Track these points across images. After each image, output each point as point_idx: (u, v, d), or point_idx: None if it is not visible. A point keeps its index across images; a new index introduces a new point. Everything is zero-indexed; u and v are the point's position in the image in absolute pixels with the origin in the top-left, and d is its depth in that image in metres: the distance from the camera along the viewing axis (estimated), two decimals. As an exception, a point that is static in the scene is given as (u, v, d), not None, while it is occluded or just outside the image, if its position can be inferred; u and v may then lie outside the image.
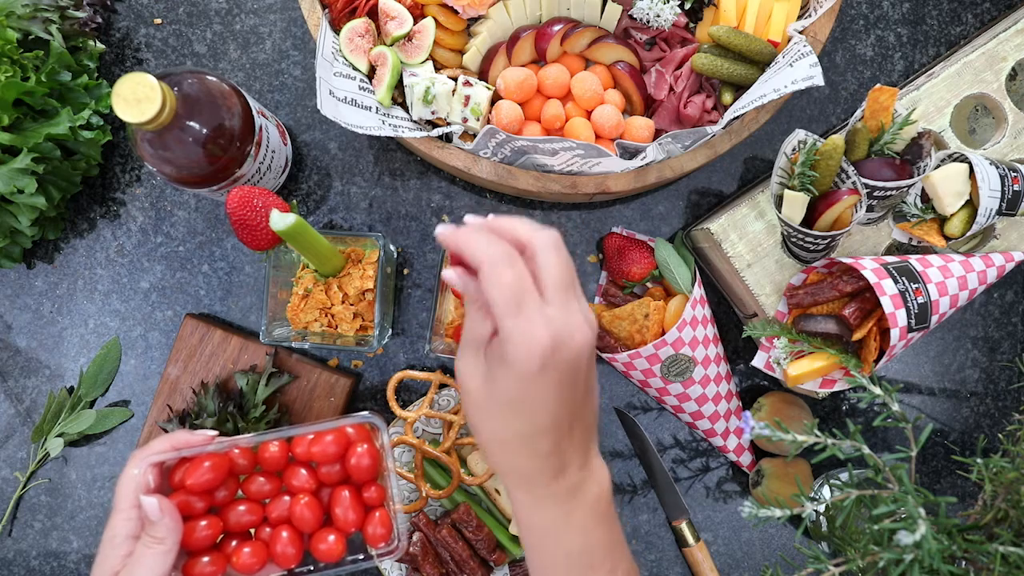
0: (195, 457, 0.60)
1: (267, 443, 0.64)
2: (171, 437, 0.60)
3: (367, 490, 0.65)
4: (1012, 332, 0.90)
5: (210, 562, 0.60)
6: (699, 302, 0.79)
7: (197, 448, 0.60)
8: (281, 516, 0.63)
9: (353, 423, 0.65)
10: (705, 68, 0.77)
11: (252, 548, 0.61)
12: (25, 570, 0.84)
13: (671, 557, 0.87)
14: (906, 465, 0.54)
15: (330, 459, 0.64)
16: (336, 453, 0.64)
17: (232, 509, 0.62)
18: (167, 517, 0.56)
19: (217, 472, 0.60)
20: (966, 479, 0.89)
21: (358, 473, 0.64)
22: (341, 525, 0.63)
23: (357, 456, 0.63)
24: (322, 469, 0.64)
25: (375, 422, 0.66)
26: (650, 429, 0.87)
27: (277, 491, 0.64)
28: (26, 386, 0.85)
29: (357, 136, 0.87)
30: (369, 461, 0.64)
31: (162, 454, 0.59)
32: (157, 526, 0.56)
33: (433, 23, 0.77)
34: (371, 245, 0.80)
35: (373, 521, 0.64)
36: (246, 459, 0.63)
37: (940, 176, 0.75)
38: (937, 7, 0.91)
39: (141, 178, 0.86)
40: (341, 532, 0.63)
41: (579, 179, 0.76)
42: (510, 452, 0.51)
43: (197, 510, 0.60)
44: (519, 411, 0.49)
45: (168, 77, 0.67)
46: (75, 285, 0.86)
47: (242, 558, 0.61)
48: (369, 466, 0.64)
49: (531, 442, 0.50)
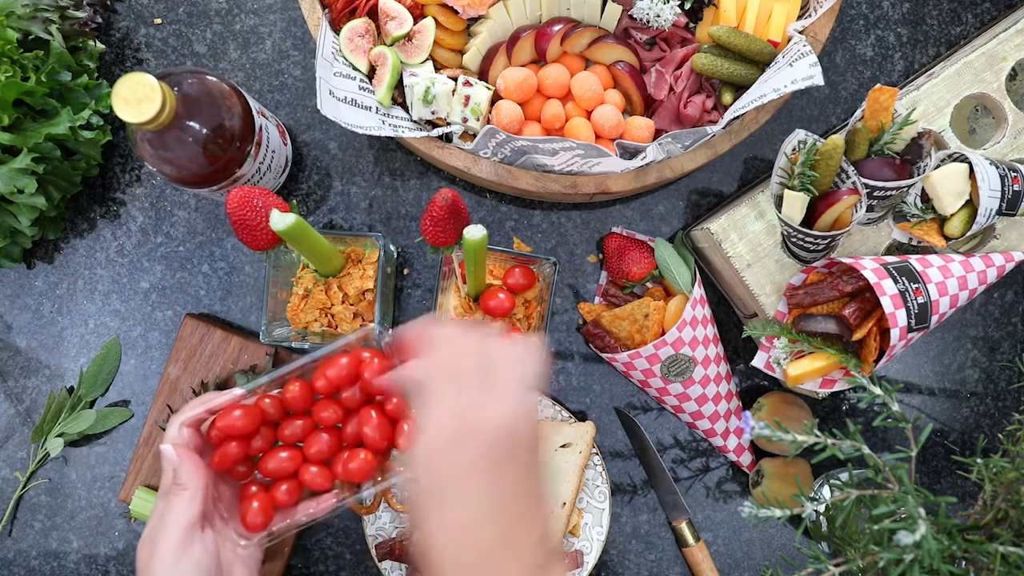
0: (227, 409, 0.61)
1: (288, 386, 0.63)
2: (201, 398, 0.61)
3: (388, 403, 0.64)
4: (1012, 332, 0.90)
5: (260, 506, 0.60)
6: (699, 302, 0.79)
7: (225, 403, 0.61)
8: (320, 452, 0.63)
9: (357, 336, 0.64)
10: (705, 68, 0.77)
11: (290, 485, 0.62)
12: (25, 570, 0.84)
13: (671, 557, 0.87)
14: (906, 465, 0.54)
15: (348, 381, 0.63)
16: (352, 374, 0.63)
17: (272, 456, 0.62)
18: (186, 462, 0.56)
19: (249, 418, 0.60)
20: (966, 479, 0.89)
21: (375, 388, 0.62)
22: (373, 444, 0.62)
23: (370, 370, 0.62)
24: (344, 394, 0.64)
25: (373, 330, 0.64)
26: (650, 429, 0.87)
27: (311, 430, 0.64)
28: (26, 386, 0.85)
29: (357, 136, 0.87)
30: (382, 372, 0.62)
31: (193, 412, 0.59)
32: (179, 473, 0.56)
33: (433, 23, 0.77)
34: (371, 245, 0.80)
35: (403, 434, 0.62)
36: (275, 407, 0.63)
37: (940, 176, 0.75)
38: (937, 7, 0.91)
39: (141, 178, 0.86)
40: (374, 451, 0.62)
41: (579, 179, 0.76)
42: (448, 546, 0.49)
43: (236, 458, 0.60)
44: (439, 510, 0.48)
45: (168, 77, 0.67)
46: (75, 285, 0.86)
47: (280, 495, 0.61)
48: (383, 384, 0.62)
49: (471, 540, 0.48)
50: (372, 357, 0.62)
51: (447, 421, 0.49)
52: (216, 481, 0.60)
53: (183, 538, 0.55)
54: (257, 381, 0.63)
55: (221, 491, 0.61)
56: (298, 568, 0.85)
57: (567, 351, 0.87)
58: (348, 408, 0.64)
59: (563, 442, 0.81)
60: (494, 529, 0.48)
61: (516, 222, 0.87)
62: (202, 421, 0.60)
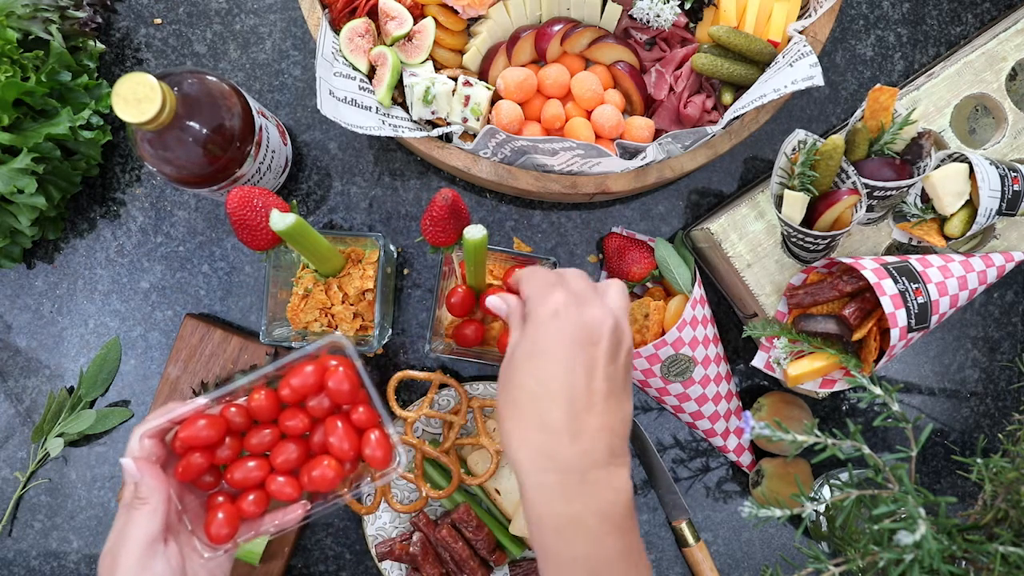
0: (191, 419, 0.60)
1: (254, 394, 0.62)
2: (163, 408, 0.60)
3: (355, 412, 0.63)
4: (1012, 332, 0.90)
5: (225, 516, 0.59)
6: (699, 302, 0.79)
7: (187, 413, 0.59)
8: (287, 462, 0.62)
9: (321, 345, 0.63)
10: (705, 68, 0.77)
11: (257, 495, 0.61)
12: (25, 570, 0.84)
13: (671, 557, 0.87)
14: (906, 465, 0.54)
15: (314, 390, 0.62)
16: (318, 382, 0.62)
17: (238, 466, 0.61)
18: (147, 476, 0.56)
19: (214, 428, 0.59)
20: (966, 479, 0.89)
21: (340, 396, 0.62)
22: (339, 454, 0.62)
23: (335, 379, 0.61)
24: (310, 403, 0.63)
25: (339, 340, 0.63)
26: (650, 429, 0.87)
27: (277, 439, 0.63)
28: (26, 386, 0.85)
29: (357, 136, 0.87)
30: (347, 382, 0.62)
31: (155, 423, 0.58)
32: (140, 486, 0.55)
33: (433, 23, 0.77)
34: (371, 245, 0.80)
35: (370, 444, 0.62)
36: (241, 416, 0.62)
37: (940, 176, 0.75)
38: (937, 7, 0.91)
39: (141, 178, 0.86)
40: (340, 461, 0.62)
41: (579, 179, 0.76)
42: (520, 420, 0.51)
43: (201, 468, 0.59)
44: (532, 364, 0.51)
45: (168, 77, 0.67)
46: (75, 285, 0.86)
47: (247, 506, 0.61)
48: (349, 388, 0.62)
49: (542, 408, 0.50)
50: (338, 365, 0.62)
51: (554, 303, 0.53)
52: (182, 491, 0.59)
53: (144, 553, 0.54)
54: (222, 390, 0.61)
55: (187, 501, 0.60)
56: (298, 568, 0.85)
57: (567, 351, 0.87)
58: (315, 417, 0.63)
59: (563, 442, 0.81)
60: (565, 414, 0.50)
61: (516, 222, 0.87)
62: (166, 431, 0.59)
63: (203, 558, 0.58)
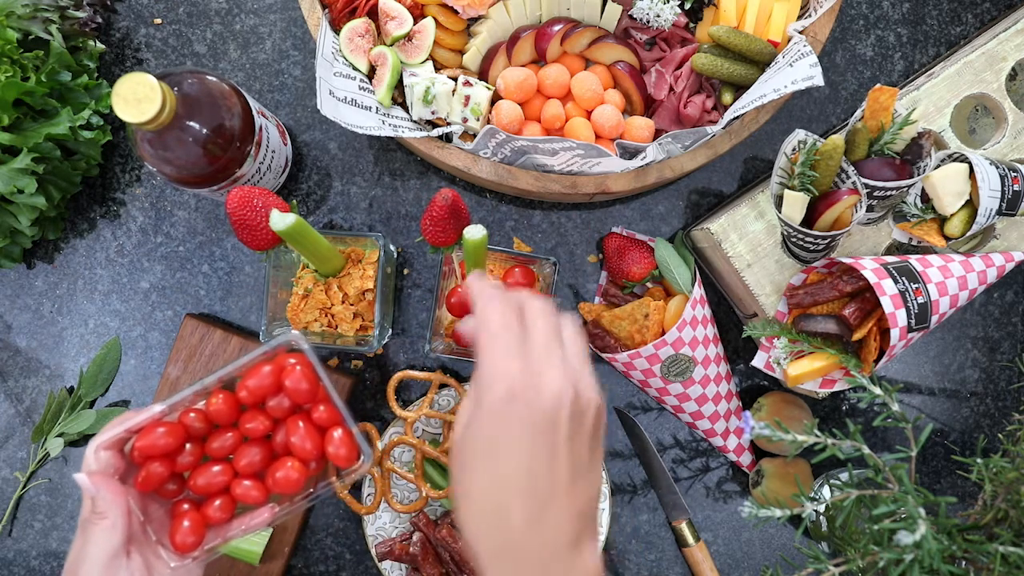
0: (148, 427, 0.58)
1: (211, 398, 0.61)
2: (120, 417, 0.59)
3: (316, 411, 0.62)
4: (1012, 332, 0.90)
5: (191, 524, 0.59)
6: (699, 302, 0.79)
7: (144, 421, 0.58)
8: (251, 464, 0.61)
9: (277, 344, 0.62)
10: (705, 68, 0.77)
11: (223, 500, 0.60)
12: (25, 570, 0.84)
13: (671, 557, 0.87)
14: (906, 465, 0.54)
15: (272, 390, 0.61)
16: (275, 383, 0.61)
17: (201, 472, 0.61)
18: (103, 490, 0.54)
19: (172, 435, 0.58)
20: (966, 479, 0.89)
21: (299, 395, 0.61)
22: (302, 454, 0.61)
23: (292, 378, 0.60)
24: (270, 404, 0.62)
25: (295, 338, 0.62)
26: (650, 429, 0.87)
27: (240, 443, 0.62)
28: (26, 386, 0.85)
29: (357, 136, 0.87)
30: (305, 380, 0.61)
31: (110, 434, 0.57)
32: (97, 501, 0.54)
33: (433, 23, 0.77)
34: (371, 245, 0.80)
35: (333, 442, 0.61)
36: (201, 421, 0.61)
37: (940, 176, 0.75)
38: (937, 7, 0.91)
39: (141, 178, 0.86)
40: (303, 462, 0.61)
41: (579, 179, 0.76)
42: (477, 514, 0.47)
43: (162, 477, 0.58)
44: (486, 454, 0.46)
45: (168, 77, 0.67)
46: (75, 285, 0.86)
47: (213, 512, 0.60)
48: (308, 387, 0.61)
49: (499, 504, 0.46)
50: (295, 364, 0.61)
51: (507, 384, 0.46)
52: (144, 502, 0.58)
53: (105, 570, 0.53)
54: (177, 396, 0.60)
55: (151, 511, 0.59)
56: (298, 568, 0.85)
57: (567, 351, 0.87)
58: (276, 418, 0.62)
59: (563, 442, 0.81)
60: (525, 508, 0.46)
61: (516, 222, 0.87)
62: (123, 442, 0.58)
63: (170, 568, 0.57)
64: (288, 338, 0.62)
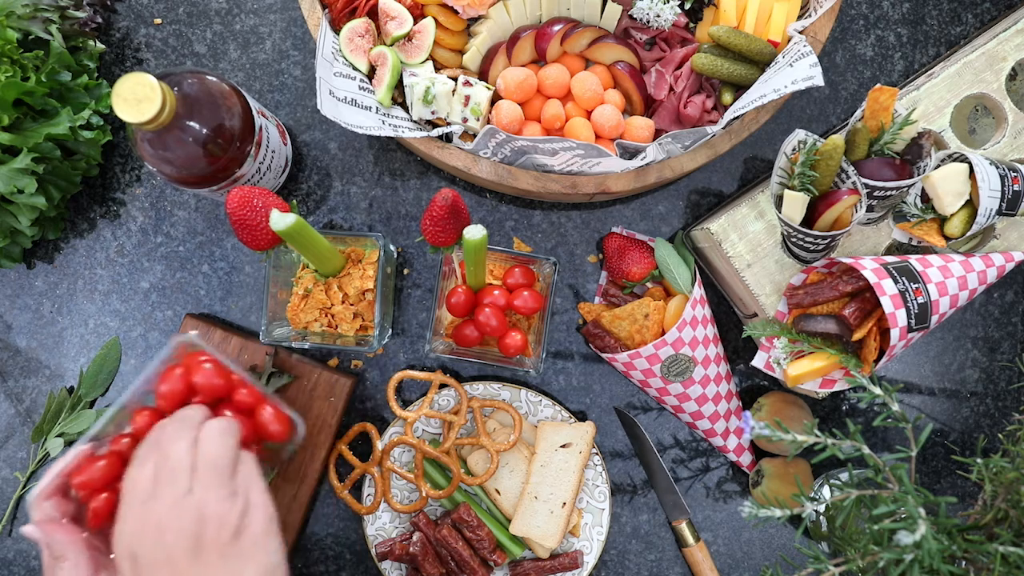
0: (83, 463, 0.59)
1: (135, 418, 0.62)
2: (51, 467, 0.60)
3: (239, 396, 0.63)
4: (1012, 332, 0.90)
5: None
6: (699, 302, 0.79)
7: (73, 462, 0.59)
8: None
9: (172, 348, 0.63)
10: (705, 68, 0.77)
11: None
12: (25, 570, 0.84)
13: (671, 557, 0.87)
14: (906, 465, 0.54)
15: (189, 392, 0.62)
16: (187, 384, 0.62)
17: None
18: (55, 535, 0.56)
19: (108, 465, 0.59)
20: (966, 479, 0.89)
21: (216, 389, 0.62)
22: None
23: (202, 374, 0.62)
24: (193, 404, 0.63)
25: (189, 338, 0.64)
26: (650, 429, 0.87)
27: None
28: (26, 386, 0.85)
29: (357, 136, 0.87)
30: (218, 374, 0.62)
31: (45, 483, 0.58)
32: (53, 547, 0.55)
33: (433, 23, 0.77)
34: (371, 245, 0.80)
35: (266, 419, 0.62)
36: (133, 444, 0.61)
37: (940, 176, 0.75)
38: (937, 7, 0.91)
39: (141, 178, 0.86)
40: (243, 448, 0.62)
41: (579, 179, 0.76)
42: None
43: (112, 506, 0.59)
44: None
45: (168, 77, 0.67)
46: (75, 285, 0.86)
47: None
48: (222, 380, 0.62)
49: None
50: (204, 362, 0.62)
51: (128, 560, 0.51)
52: (107, 532, 0.58)
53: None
54: (96, 426, 0.62)
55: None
56: (298, 568, 0.85)
57: (567, 351, 0.87)
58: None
59: (563, 442, 0.81)
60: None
61: (516, 222, 0.87)
62: (64, 487, 0.59)
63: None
64: (182, 339, 0.64)
